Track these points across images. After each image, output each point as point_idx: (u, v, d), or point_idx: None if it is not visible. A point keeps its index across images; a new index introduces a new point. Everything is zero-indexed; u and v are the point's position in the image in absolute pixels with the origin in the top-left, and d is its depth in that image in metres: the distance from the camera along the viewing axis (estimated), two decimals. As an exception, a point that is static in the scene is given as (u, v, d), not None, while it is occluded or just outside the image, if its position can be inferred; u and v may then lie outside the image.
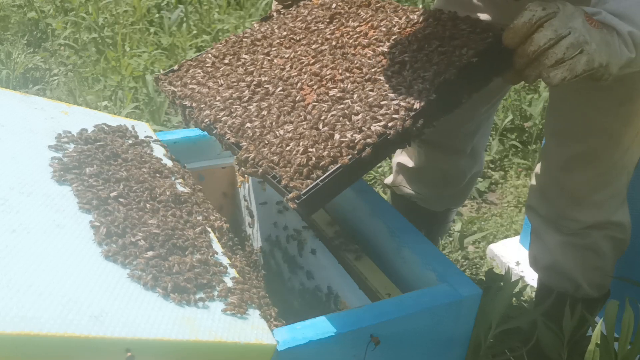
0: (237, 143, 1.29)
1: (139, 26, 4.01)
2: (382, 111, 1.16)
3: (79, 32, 3.95)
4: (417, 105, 1.14)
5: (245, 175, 1.74)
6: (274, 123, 1.27)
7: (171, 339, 0.95)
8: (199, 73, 1.57)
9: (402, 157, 2.03)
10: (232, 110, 1.37)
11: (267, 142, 1.23)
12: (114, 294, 0.98)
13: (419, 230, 1.43)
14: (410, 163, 2.00)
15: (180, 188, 1.35)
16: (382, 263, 1.42)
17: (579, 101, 1.52)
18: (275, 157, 1.18)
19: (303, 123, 1.23)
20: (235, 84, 1.45)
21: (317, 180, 1.09)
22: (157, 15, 4.22)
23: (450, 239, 2.61)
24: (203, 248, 1.18)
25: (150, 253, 1.10)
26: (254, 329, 1.05)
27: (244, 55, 1.56)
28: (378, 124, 1.14)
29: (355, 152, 1.11)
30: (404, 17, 1.43)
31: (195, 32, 3.94)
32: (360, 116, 1.18)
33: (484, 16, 1.63)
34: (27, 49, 3.93)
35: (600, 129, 1.52)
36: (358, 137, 1.13)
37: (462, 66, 1.20)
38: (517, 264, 2.36)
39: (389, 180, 2.11)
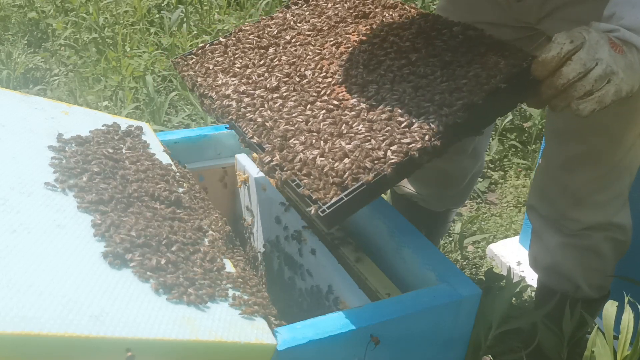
0: (260, 144, 1.28)
1: (139, 26, 4.01)
2: (408, 130, 1.16)
3: (80, 33, 3.95)
4: (442, 128, 1.14)
5: (246, 175, 1.75)
6: (297, 128, 1.26)
7: (171, 339, 0.95)
8: (222, 60, 1.54)
9: (402, 157, 2.02)
10: (256, 107, 1.35)
11: (291, 147, 1.22)
12: (114, 294, 0.98)
13: (419, 230, 1.43)
14: (411, 163, 1.99)
15: (180, 189, 1.35)
16: (382, 263, 1.42)
17: None
18: (298, 164, 1.18)
19: (329, 131, 1.23)
20: (260, 79, 1.43)
21: (342, 195, 1.08)
22: (157, 15, 4.22)
23: (450, 239, 2.61)
24: (203, 248, 1.19)
25: (150, 254, 1.10)
26: (254, 328, 1.05)
27: (269, 50, 1.54)
28: (403, 142, 1.13)
29: (380, 170, 1.10)
30: (429, 27, 1.42)
31: (195, 32, 3.94)
32: (385, 133, 1.17)
33: (487, 16, 1.63)
34: (28, 49, 3.94)
35: (601, 128, 1.52)
36: (383, 154, 1.12)
37: (490, 90, 1.18)
38: (518, 263, 2.36)
39: (389, 180, 2.11)
